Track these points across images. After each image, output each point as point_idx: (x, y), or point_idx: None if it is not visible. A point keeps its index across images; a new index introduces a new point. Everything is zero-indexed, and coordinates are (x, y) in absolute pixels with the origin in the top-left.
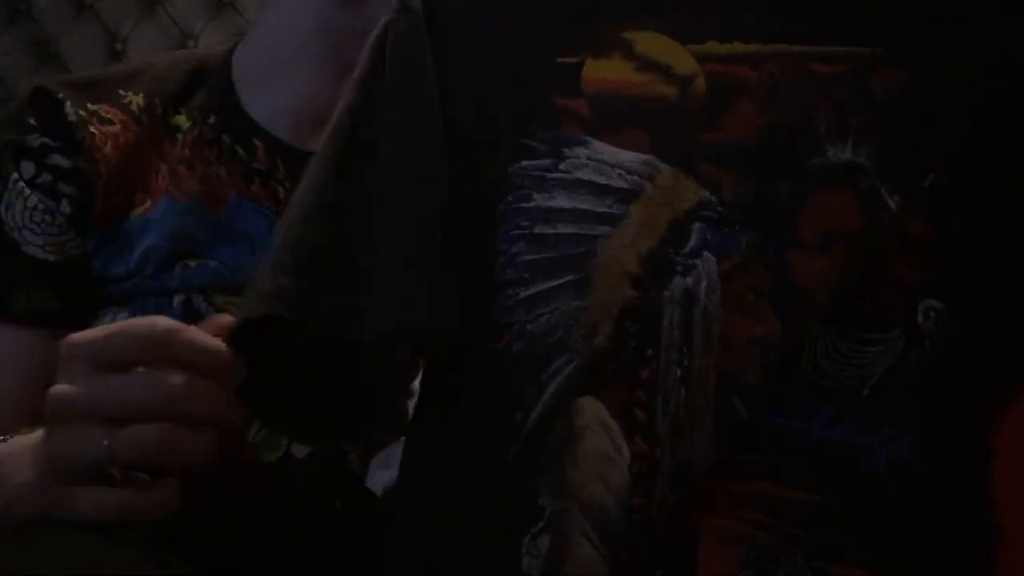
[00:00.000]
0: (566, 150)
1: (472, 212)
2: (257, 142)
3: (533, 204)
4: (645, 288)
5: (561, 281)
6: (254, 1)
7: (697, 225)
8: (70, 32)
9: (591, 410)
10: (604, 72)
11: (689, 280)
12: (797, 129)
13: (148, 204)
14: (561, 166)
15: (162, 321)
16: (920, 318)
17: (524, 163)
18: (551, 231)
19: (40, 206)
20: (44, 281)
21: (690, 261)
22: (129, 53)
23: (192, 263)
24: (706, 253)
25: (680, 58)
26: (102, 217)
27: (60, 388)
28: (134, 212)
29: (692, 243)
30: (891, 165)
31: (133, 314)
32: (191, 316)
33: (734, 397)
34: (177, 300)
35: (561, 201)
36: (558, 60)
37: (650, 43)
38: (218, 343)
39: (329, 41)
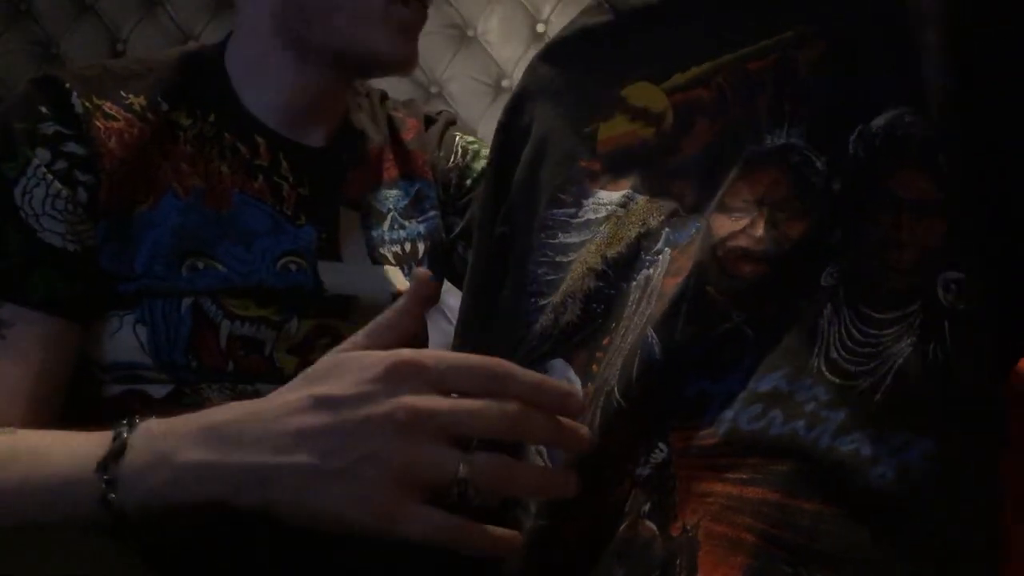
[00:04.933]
0: (583, 201)
1: (517, 243)
2: (259, 139)
3: (557, 240)
4: (610, 280)
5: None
6: None
7: (666, 230)
8: (70, 32)
9: (559, 368)
10: (611, 131)
11: (651, 270)
12: (742, 126)
13: (151, 201)
14: (578, 212)
15: (498, 361)
16: (940, 292)
17: (555, 211)
18: (565, 259)
19: (62, 193)
20: (61, 270)
21: (656, 257)
22: (129, 53)
23: (200, 264)
24: (667, 249)
25: (654, 98)
26: (106, 211)
27: (411, 400)
28: (137, 209)
29: (659, 244)
30: (817, 129)
31: (141, 317)
32: (201, 320)
33: (653, 336)
34: (186, 303)
35: (574, 238)
36: (584, 130)
37: (638, 93)
38: (553, 382)
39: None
